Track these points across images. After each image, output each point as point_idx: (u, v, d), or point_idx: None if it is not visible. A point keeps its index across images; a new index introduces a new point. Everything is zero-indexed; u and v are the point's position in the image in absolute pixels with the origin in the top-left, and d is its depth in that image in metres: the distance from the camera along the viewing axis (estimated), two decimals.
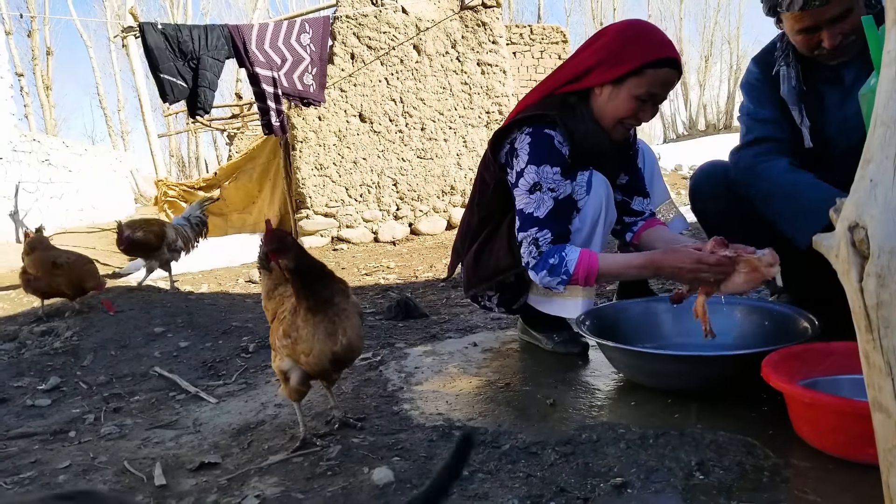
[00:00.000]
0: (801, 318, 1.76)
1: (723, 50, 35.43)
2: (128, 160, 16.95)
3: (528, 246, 1.87)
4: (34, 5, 25.97)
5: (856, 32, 1.75)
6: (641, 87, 1.85)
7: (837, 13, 1.71)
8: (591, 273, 1.80)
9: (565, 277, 1.81)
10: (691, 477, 1.24)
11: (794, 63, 1.91)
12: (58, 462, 1.59)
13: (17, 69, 23.20)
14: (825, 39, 1.76)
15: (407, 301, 3.22)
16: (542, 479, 1.30)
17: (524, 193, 1.88)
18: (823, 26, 1.75)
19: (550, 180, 1.86)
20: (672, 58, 1.84)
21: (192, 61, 6.60)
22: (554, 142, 1.88)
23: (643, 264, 1.82)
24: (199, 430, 1.78)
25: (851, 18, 1.73)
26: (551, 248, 1.84)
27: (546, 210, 1.86)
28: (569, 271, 1.81)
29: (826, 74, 1.87)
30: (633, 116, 1.91)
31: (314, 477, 1.40)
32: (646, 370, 1.74)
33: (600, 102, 1.92)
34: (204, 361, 2.52)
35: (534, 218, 1.86)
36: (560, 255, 1.82)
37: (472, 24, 8.31)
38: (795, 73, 1.91)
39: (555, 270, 1.82)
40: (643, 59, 1.82)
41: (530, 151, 1.88)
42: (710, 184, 2.14)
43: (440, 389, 1.91)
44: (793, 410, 1.38)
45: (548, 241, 1.85)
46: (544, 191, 1.86)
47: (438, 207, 8.43)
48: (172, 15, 28.35)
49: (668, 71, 1.85)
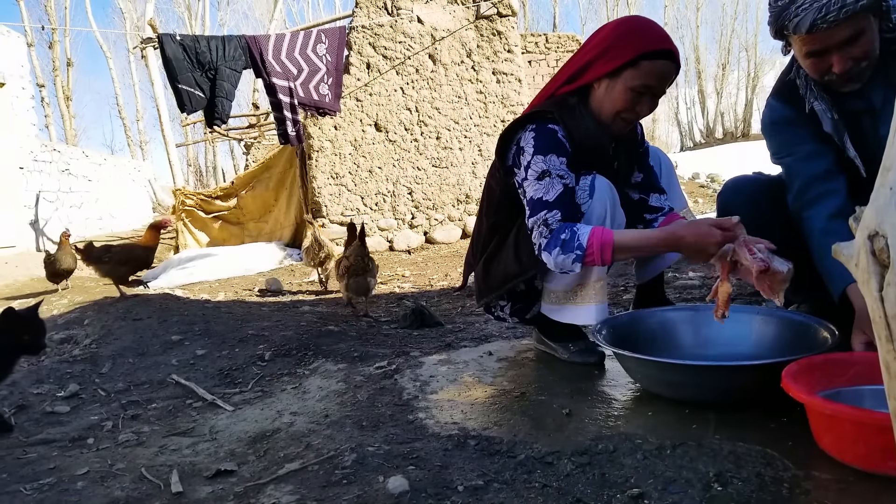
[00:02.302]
0: (820, 328, 1.74)
1: (740, 57, 35.24)
2: (146, 170, 17.16)
3: (539, 228, 1.82)
4: (55, 17, 26.40)
5: (868, 58, 1.68)
6: (637, 79, 1.84)
7: (847, 36, 1.63)
8: (605, 245, 1.73)
9: (579, 252, 1.74)
10: (709, 488, 1.23)
11: (821, 96, 1.83)
12: (76, 469, 1.60)
13: (38, 80, 23.58)
14: (835, 64, 1.68)
15: (422, 310, 3.22)
16: (557, 489, 1.29)
17: (533, 182, 1.86)
18: (833, 50, 1.67)
19: (558, 168, 1.85)
20: (668, 50, 1.82)
21: (210, 72, 6.67)
22: (558, 135, 1.88)
23: (663, 236, 1.78)
24: (216, 437, 1.79)
25: (863, 42, 1.65)
26: (561, 225, 1.79)
27: (556, 193, 1.83)
28: (582, 245, 1.74)
29: (854, 102, 1.81)
30: (631, 109, 1.89)
31: (329, 485, 1.40)
32: (663, 380, 1.72)
33: (598, 97, 1.92)
34: (220, 369, 2.53)
35: (543, 202, 1.83)
36: (571, 229, 1.77)
37: (488, 33, 8.33)
38: (827, 106, 1.83)
39: (567, 246, 1.76)
40: (638, 50, 1.81)
41: (535, 144, 1.88)
42: (739, 198, 2.09)
43: (455, 398, 1.91)
44: (813, 421, 1.36)
45: (557, 219, 1.81)
46: (553, 177, 1.84)
47: (453, 216, 8.44)
48: (191, 26, 28.71)
49: (664, 63, 1.83)
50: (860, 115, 1.83)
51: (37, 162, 10.18)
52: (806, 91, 1.86)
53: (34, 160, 10.06)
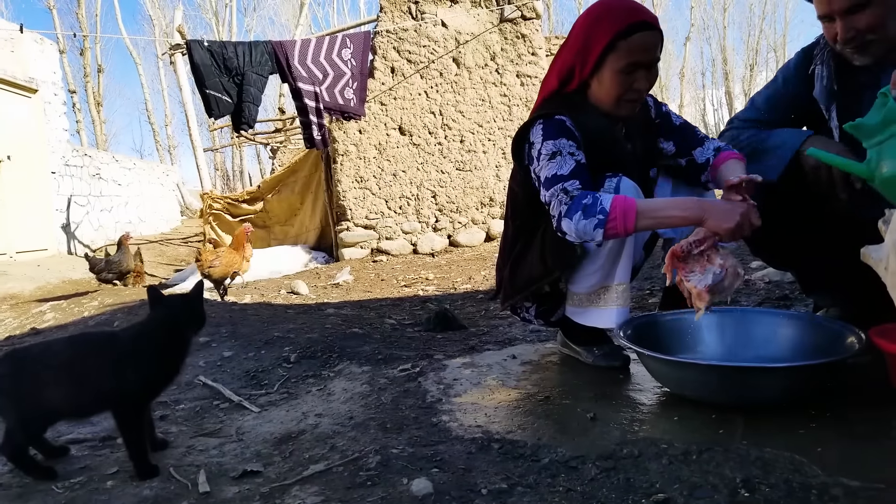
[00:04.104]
0: (848, 333, 1.71)
1: (768, 58, 34.81)
2: (174, 174, 17.41)
3: (558, 196, 1.77)
4: (86, 25, 26.91)
5: (876, 32, 1.69)
6: (621, 61, 1.81)
7: (846, 6, 1.67)
8: (628, 210, 1.68)
9: (602, 217, 1.68)
10: (736, 494, 1.22)
11: (828, 62, 1.87)
12: (106, 468, 1.63)
13: (69, 86, 24.07)
14: (838, 31, 1.72)
15: (445, 313, 3.22)
16: (582, 493, 1.29)
17: (546, 162, 1.84)
18: (836, 16, 1.71)
19: (568, 147, 1.83)
20: (641, 21, 1.79)
21: (237, 77, 6.76)
22: (566, 123, 1.87)
23: (688, 203, 1.74)
24: (242, 438, 1.80)
25: (868, 15, 1.66)
26: (583, 192, 1.75)
27: (570, 168, 1.80)
28: (605, 209, 1.68)
29: (863, 77, 1.81)
30: (629, 90, 1.86)
31: (354, 487, 1.41)
32: (691, 382, 1.71)
33: (594, 92, 1.92)
34: (247, 371, 2.56)
35: (558, 176, 1.80)
36: (593, 195, 1.73)
37: (512, 36, 8.33)
38: (828, 73, 1.87)
39: (589, 210, 1.70)
40: (610, 33, 1.79)
41: (544, 132, 1.87)
42: None
43: (479, 402, 1.91)
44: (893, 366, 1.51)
45: (577, 187, 1.77)
46: (564, 155, 1.82)
47: (477, 219, 8.44)
48: (218, 32, 29.10)
49: (640, 35, 1.79)
50: (864, 89, 1.82)
51: (68, 167, 10.38)
52: (818, 53, 1.91)
53: (66, 165, 10.27)
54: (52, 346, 1.63)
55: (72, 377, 1.52)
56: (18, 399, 1.50)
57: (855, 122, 1.49)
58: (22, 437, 1.53)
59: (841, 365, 1.59)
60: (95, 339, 1.75)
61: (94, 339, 1.76)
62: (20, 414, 1.51)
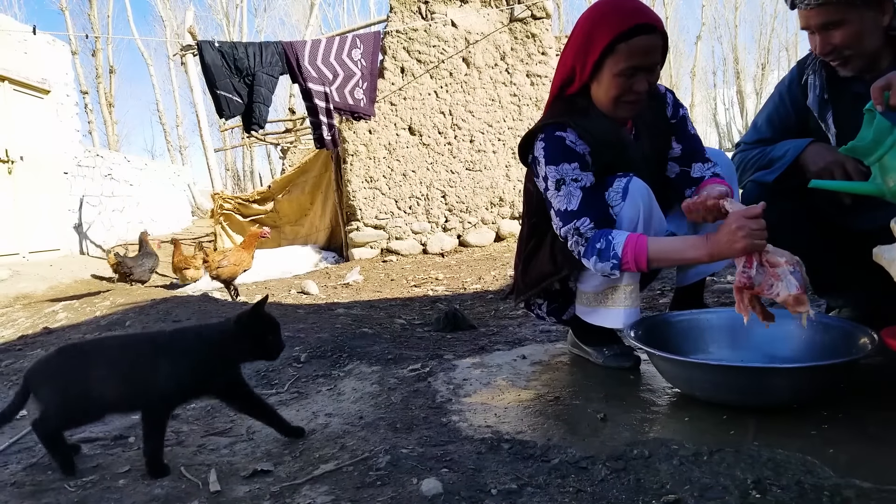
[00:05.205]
0: (860, 333, 1.70)
1: (780, 57, 34.58)
2: (185, 174, 17.51)
3: (573, 237, 1.83)
4: (98, 26, 27.10)
5: (852, 48, 1.75)
6: (619, 64, 1.79)
7: (822, 21, 1.74)
8: (640, 255, 1.73)
9: (616, 262, 1.75)
10: (747, 495, 1.21)
11: (819, 71, 1.92)
12: (118, 467, 1.64)
13: (81, 87, 24.24)
14: (817, 45, 1.80)
15: (455, 313, 3.22)
16: (592, 494, 1.28)
17: (553, 192, 1.87)
18: (814, 31, 1.78)
19: (571, 173, 1.84)
20: (642, 24, 1.75)
21: (248, 78, 6.78)
22: (566, 142, 1.87)
23: (696, 242, 1.72)
24: (253, 437, 1.81)
25: (844, 32, 1.73)
26: (596, 233, 1.79)
27: (577, 201, 1.83)
28: (617, 254, 1.74)
29: (859, 86, 1.83)
30: (628, 91, 1.83)
31: (364, 486, 1.42)
32: (701, 382, 1.70)
33: (595, 94, 1.91)
34: (257, 370, 2.57)
35: (569, 212, 1.84)
36: (606, 238, 1.77)
37: (522, 35, 8.32)
38: (820, 83, 1.91)
39: (603, 255, 1.77)
40: (610, 35, 1.76)
41: (545, 154, 1.88)
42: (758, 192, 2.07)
43: (488, 402, 1.91)
44: None
45: (589, 226, 1.80)
46: (568, 183, 1.84)
47: (487, 219, 8.43)
48: (229, 33, 29.23)
49: (641, 39, 1.76)
50: (857, 99, 1.83)
51: (80, 167, 10.46)
52: (809, 63, 1.98)
53: (78, 165, 10.35)
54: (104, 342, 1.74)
55: (116, 375, 1.58)
56: (64, 388, 1.57)
57: (849, 146, 1.51)
58: (58, 423, 1.59)
59: (853, 366, 1.58)
60: (142, 339, 1.80)
61: (141, 339, 1.82)
62: (64, 402, 1.57)
